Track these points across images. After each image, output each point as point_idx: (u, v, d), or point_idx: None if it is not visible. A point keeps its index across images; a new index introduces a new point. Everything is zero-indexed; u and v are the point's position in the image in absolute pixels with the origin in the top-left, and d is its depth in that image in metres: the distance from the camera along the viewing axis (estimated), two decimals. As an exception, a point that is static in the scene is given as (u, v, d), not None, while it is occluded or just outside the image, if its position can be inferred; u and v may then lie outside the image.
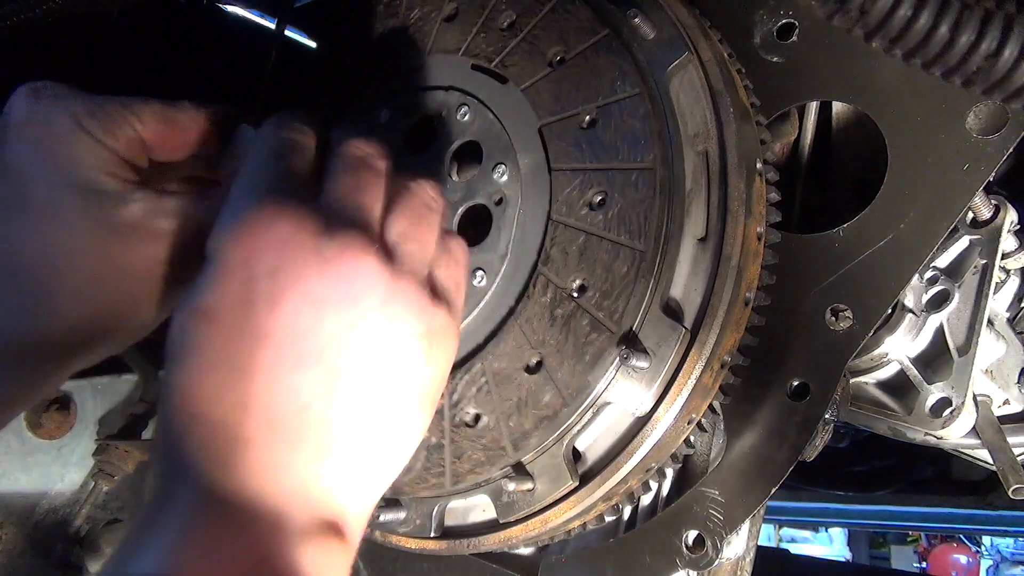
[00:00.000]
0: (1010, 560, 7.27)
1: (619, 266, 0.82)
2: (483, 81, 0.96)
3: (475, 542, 0.94)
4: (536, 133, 0.91)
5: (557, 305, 0.85)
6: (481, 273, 0.91)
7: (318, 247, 0.63)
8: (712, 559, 0.90)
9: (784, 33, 0.98)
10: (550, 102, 0.90)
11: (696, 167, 0.86)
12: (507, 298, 0.89)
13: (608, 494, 0.87)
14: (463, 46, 0.98)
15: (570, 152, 0.87)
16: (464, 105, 0.97)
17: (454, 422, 0.90)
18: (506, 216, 0.91)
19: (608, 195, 0.84)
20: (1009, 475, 1.14)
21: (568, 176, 0.87)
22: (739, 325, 0.86)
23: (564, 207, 0.87)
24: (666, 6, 0.92)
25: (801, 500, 2.47)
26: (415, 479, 0.92)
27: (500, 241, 0.91)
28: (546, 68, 0.91)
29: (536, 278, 0.87)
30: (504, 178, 0.92)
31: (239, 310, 0.61)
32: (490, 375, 0.88)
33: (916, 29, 0.71)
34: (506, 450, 0.86)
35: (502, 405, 0.86)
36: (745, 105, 0.91)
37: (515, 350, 0.87)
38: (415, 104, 1.02)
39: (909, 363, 1.18)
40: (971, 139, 0.87)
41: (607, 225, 0.84)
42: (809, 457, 0.91)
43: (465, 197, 0.95)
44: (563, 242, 0.86)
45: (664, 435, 0.84)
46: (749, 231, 0.84)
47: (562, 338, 0.84)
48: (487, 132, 0.95)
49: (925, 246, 0.89)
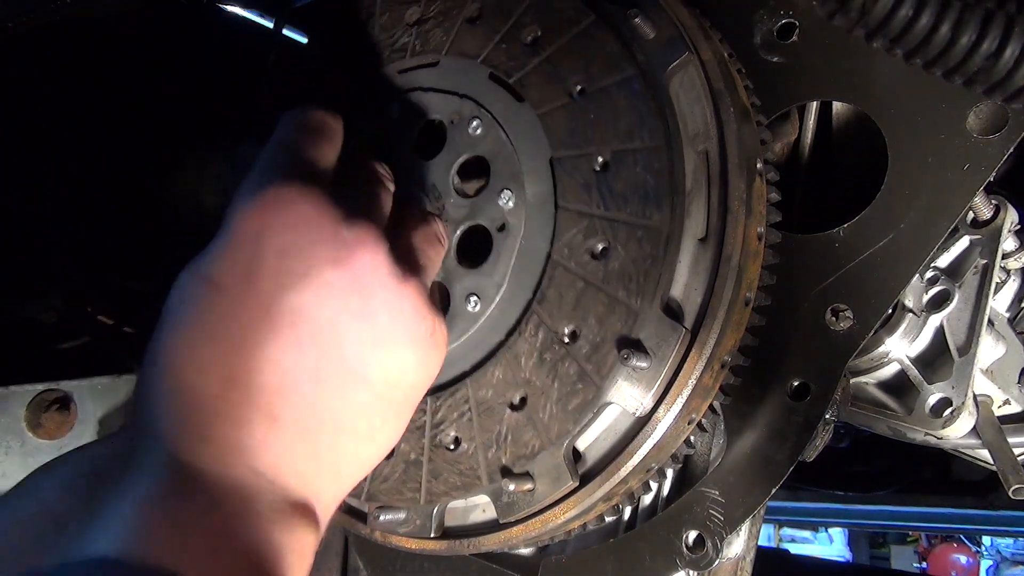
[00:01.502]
0: (1010, 560, 7.27)
1: (613, 321, 0.80)
2: (499, 95, 0.92)
3: (475, 542, 0.94)
4: (547, 164, 0.87)
5: (547, 348, 0.83)
6: (475, 299, 0.89)
7: (336, 233, 0.63)
8: (712, 559, 0.90)
9: (784, 33, 0.98)
10: (565, 135, 0.86)
11: (696, 167, 0.85)
12: (499, 329, 0.87)
13: (608, 494, 0.87)
14: (483, 53, 0.94)
15: (579, 192, 0.84)
16: (477, 118, 0.93)
17: (434, 442, 0.88)
18: (507, 245, 0.88)
19: (611, 246, 0.81)
20: (1009, 475, 1.14)
21: (574, 217, 0.84)
22: (739, 325, 0.86)
23: (566, 249, 0.84)
24: (666, 6, 0.91)
25: (801, 500, 2.47)
26: (391, 489, 0.91)
27: (498, 269, 0.88)
28: (565, 97, 0.87)
29: (530, 316, 0.85)
30: (510, 204, 0.89)
31: (245, 283, 0.60)
32: (474, 403, 0.87)
33: (917, 29, 0.71)
34: (481, 480, 0.85)
35: (483, 435, 0.85)
36: (745, 105, 0.91)
37: (501, 383, 0.85)
38: (427, 105, 0.98)
39: (909, 363, 1.18)
40: (972, 139, 0.87)
41: (606, 277, 0.81)
42: (809, 457, 0.91)
43: (468, 216, 0.92)
44: (560, 284, 0.84)
45: (664, 435, 0.84)
46: (749, 231, 0.84)
47: (548, 381, 0.82)
48: (498, 152, 0.91)
49: (925, 246, 0.89)
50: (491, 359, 0.86)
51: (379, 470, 0.91)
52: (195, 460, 0.56)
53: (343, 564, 1.73)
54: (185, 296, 0.61)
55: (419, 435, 0.90)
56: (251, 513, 0.57)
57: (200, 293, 0.60)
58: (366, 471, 0.70)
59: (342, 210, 0.65)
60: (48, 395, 1.49)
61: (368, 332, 0.64)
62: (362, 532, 1.03)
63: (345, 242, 0.63)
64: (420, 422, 0.89)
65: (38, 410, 1.54)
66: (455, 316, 0.90)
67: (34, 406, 1.47)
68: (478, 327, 0.89)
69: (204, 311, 0.60)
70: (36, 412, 1.54)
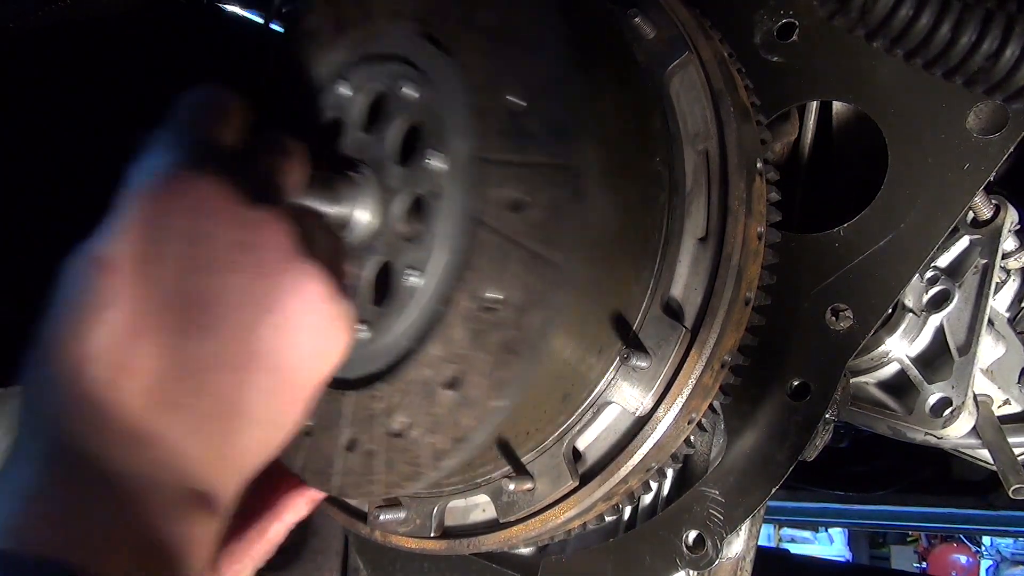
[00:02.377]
0: (1010, 560, 7.27)
1: (534, 280, 0.72)
2: (430, 52, 0.84)
3: (475, 542, 0.94)
4: (469, 116, 0.79)
5: (475, 317, 0.76)
6: (414, 272, 0.82)
7: (238, 214, 0.60)
8: (712, 559, 0.90)
9: (784, 33, 0.98)
10: (484, 80, 0.78)
11: (696, 167, 0.85)
12: (435, 301, 0.80)
13: (608, 494, 0.87)
14: (411, 9, 0.86)
15: (498, 141, 0.76)
16: (411, 80, 0.85)
17: (386, 429, 0.82)
18: (437, 210, 0.81)
19: (530, 195, 0.74)
20: (1009, 475, 1.14)
21: (495, 169, 0.76)
22: (739, 325, 0.86)
23: (488, 206, 0.76)
24: (666, 6, 0.91)
25: (801, 500, 2.47)
26: (355, 483, 0.85)
27: (433, 238, 0.81)
28: (481, 38, 0.79)
29: (460, 284, 0.78)
30: (438, 166, 0.81)
31: (142, 266, 0.57)
32: (417, 384, 0.80)
33: (917, 29, 0.71)
34: (427, 468, 0.79)
35: (425, 419, 0.79)
36: (745, 105, 0.91)
37: (438, 361, 0.79)
38: (371, 75, 0.90)
39: (909, 363, 1.18)
40: (972, 139, 0.87)
41: (526, 231, 0.73)
42: (809, 457, 0.91)
43: (406, 184, 0.84)
44: (486, 246, 0.76)
45: (664, 435, 0.84)
46: (749, 231, 0.84)
47: (477, 355, 0.75)
48: (428, 112, 0.84)
49: (925, 246, 0.89)
50: (429, 335, 0.80)
51: (346, 463, 0.86)
52: (89, 449, 0.54)
53: (343, 564, 1.72)
54: (77, 279, 0.57)
55: (372, 423, 0.84)
56: (149, 503, 0.55)
57: (93, 276, 0.57)
58: (271, 456, 0.66)
59: (245, 190, 0.62)
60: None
61: (273, 316, 0.61)
62: (362, 532, 1.03)
63: (248, 223, 0.60)
64: (373, 409, 0.84)
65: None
66: (397, 293, 0.84)
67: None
68: (417, 302, 0.82)
69: (98, 295, 0.57)
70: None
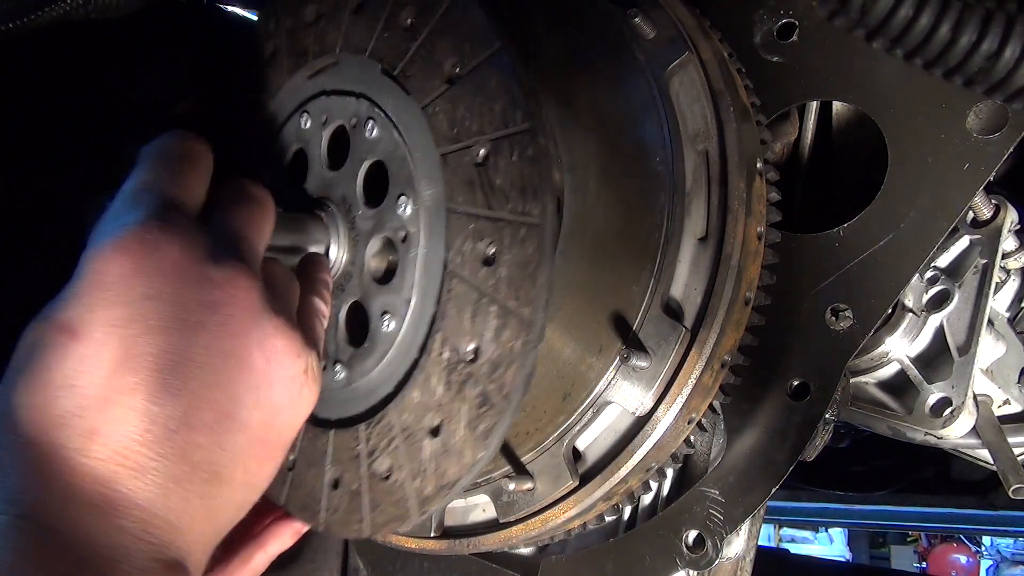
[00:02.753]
0: (1010, 560, 7.27)
1: (507, 336, 0.72)
2: (391, 90, 0.83)
3: (475, 542, 0.94)
4: (437, 162, 0.79)
5: (452, 368, 0.76)
6: (388, 316, 0.82)
7: (204, 273, 0.60)
8: (712, 559, 0.90)
9: (784, 33, 0.98)
10: (447, 126, 0.78)
11: (696, 167, 0.85)
12: (412, 349, 0.80)
13: (608, 494, 0.87)
14: (369, 46, 0.85)
15: (465, 191, 0.76)
16: (371, 119, 0.85)
17: (371, 471, 0.83)
18: (409, 257, 0.81)
19: (499, 250, 0.73)
20: (1009, 475, 1.14)
21: (463, 220, 0.76)
22: (739, 325, 0.86)
23: (459, 257, 0.76)
24: (666, 6, 0.91)
25: (801, 500, 2.47)
26: (340, 521, 0.86)
27: (404, 283, 0.81)
28: (443, 84, 0.78)
29: (435, 333, 0.78)
30: (407, 211, 0.81)
31: (107, 328, 0.56)
32: (398, 429, 0.81)
33: (917, 29, 0.71)
34: (411, 512, 0.79)
35: (410, 464, 0.79)
36: (745, 105, 0.91)
37: (419, 407, 0.79)
38: (331, 110, 0.90)
39: (909, 363, 1.18)
40: (971, 139, 0.87)
41: (497, 286, 0.73)
42: (809, 457, 0.91)
43: (375, 228, 0.84)
44: (458, 297, 0.76)
45: (664, 435, 0.84)
46: (749, 231, 0.84)
47: (457, 405, 0.75)
48: (392, 154, 0.83)
49: (925, 246, 0.89)
50: (408, 381, 0.80)
51: (331, 500, 0.87)
52: (55, 521, 0.52)
53: (343, 564, 1.72)
54: (38, 345, 0.56)
55: (357, 464, 0.84)
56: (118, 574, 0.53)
57: (55, 342, 0.56)
58: (242, 515, 0.66)
59: (210, 247, 0.62)
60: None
61: (241, 374, 0.61)
62: (362, 532, 1.03)
63: (214, 282, 0.60)
64: (356, 450, 0.84)
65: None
66: (373, 336, 0.84)
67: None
68: (394, 347, 0.82)
69: (61, 360, 0.55)
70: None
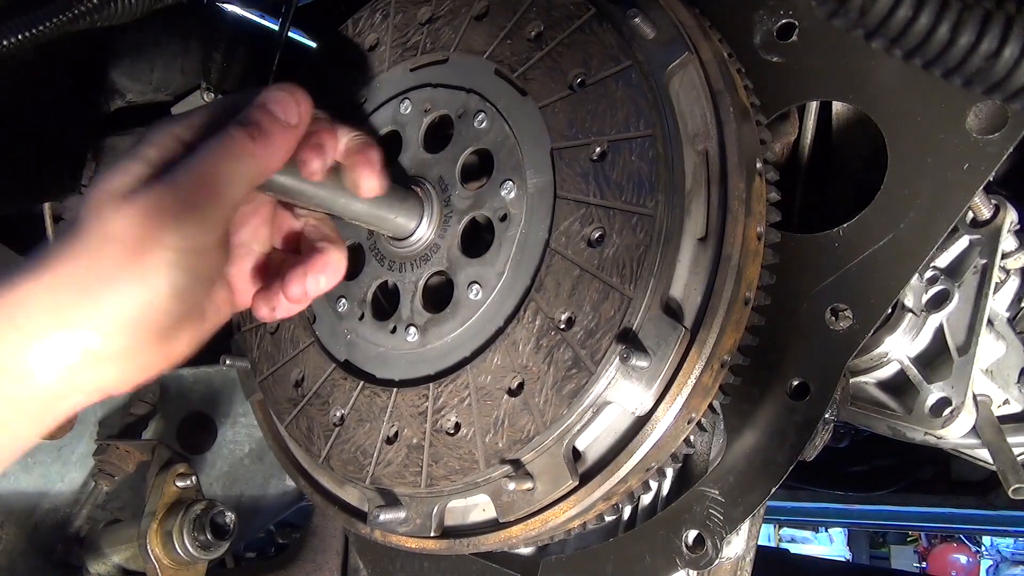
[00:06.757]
0: (1010, 560, 7.28)
1: (607, 308, 0.83)
2: (504, 89, 0.96)
3: (475, 542, 0.94)
4: (548, 155, 0.90)
5: (544, 334, 0.86)
6: (477, 287, 0.92)
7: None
8: (712, 558, 0.90)
9: (784, 33, 0.98)
10: (564, 126, 0.90)
11: (696, 166, 0.86)
12: (498, 316, 0.91)
13: (608, 493, 0.87)
14: (489, 49, 0.98)
15: (577, 182, 0.87)
16: (482, 111, 0.96)
17: (435, 427, 0.91)
18: (508, 235, 0.92)
19: (607, 234, 0.84)
20: (1009, 475, 1.14)
21: (572, 206, 0.87)
22: (739, 325, 0.86)
23: (564, 237, 0.87)
24: (666, 6, 0.92)
25: (801, 500, 2.47)
26: (393, 473, 0.94)
27: (499, 258, 0.92)
28: (565, 89, 0.90)
29: (528, 303, 0.88)
30: (511, 195, 0.92)
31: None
32: (474, 389, 0.90)
33: (916, 29, 0.70)
34: (479, 464, 0.88)
35: (481, 420, 0.88)
36: (745, 105, 0.91)
37: (500, 369, 0.89)
38: (436, 100, 1.02)
39: (909, 363, 1.18)
40: (971, 139, 0.87)
41: (602, 264, 0.84)
42: (809, 457, 0.91)
43: (472, 207, 0.95)
44: (558, 272, 0.87)
45: (664, 435, 0.84)
46: (749, 231, 0.84)
47: (544, 367, 0.85)
48: (501, 144, 0.95)
49: (925, 246, 0.89)
50: (491, 345, 0.90)
51: (383, 454, 0.95)
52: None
53: (343, 564, 1.72)
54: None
55: (421, 420, 0.93)
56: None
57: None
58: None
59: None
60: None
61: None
62: (362, 532, 1.03)
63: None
64: (423, 407, 0.93)
65: (38, 410, 1.53)
66: (457, 303, 0.94)
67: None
68: (479, 315, 0.92)
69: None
70: (36, 412, 1.53)
